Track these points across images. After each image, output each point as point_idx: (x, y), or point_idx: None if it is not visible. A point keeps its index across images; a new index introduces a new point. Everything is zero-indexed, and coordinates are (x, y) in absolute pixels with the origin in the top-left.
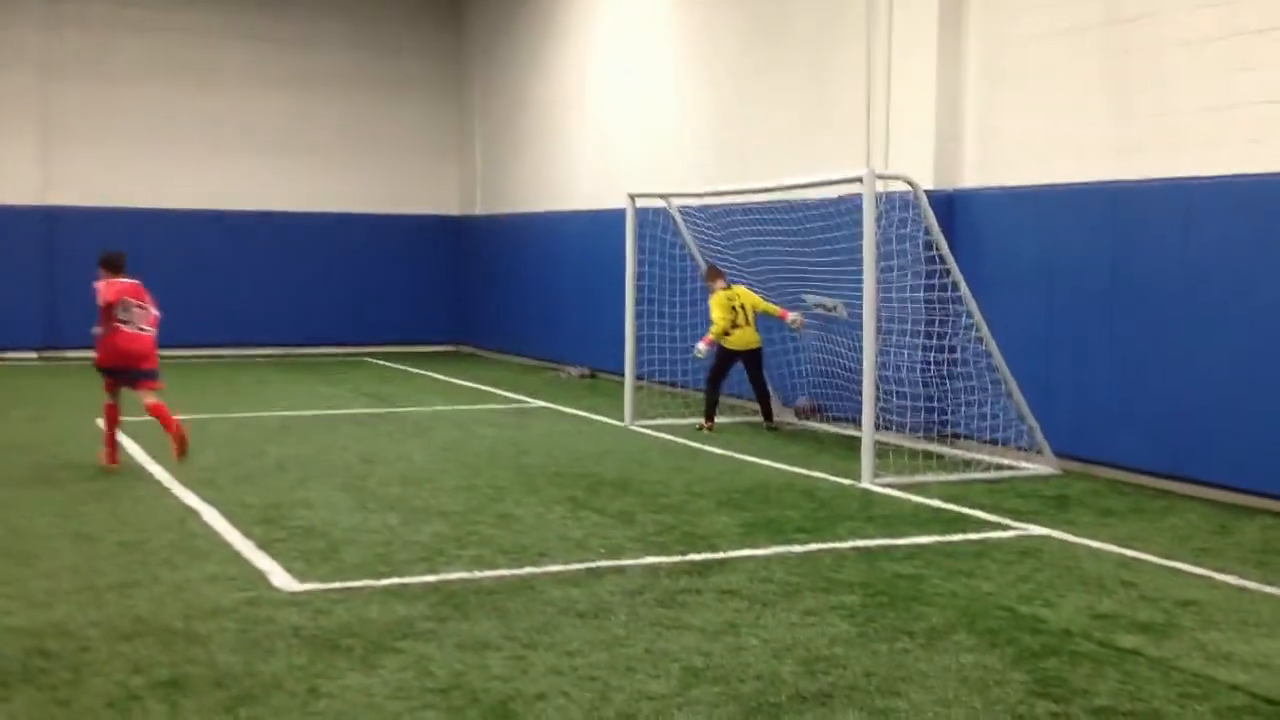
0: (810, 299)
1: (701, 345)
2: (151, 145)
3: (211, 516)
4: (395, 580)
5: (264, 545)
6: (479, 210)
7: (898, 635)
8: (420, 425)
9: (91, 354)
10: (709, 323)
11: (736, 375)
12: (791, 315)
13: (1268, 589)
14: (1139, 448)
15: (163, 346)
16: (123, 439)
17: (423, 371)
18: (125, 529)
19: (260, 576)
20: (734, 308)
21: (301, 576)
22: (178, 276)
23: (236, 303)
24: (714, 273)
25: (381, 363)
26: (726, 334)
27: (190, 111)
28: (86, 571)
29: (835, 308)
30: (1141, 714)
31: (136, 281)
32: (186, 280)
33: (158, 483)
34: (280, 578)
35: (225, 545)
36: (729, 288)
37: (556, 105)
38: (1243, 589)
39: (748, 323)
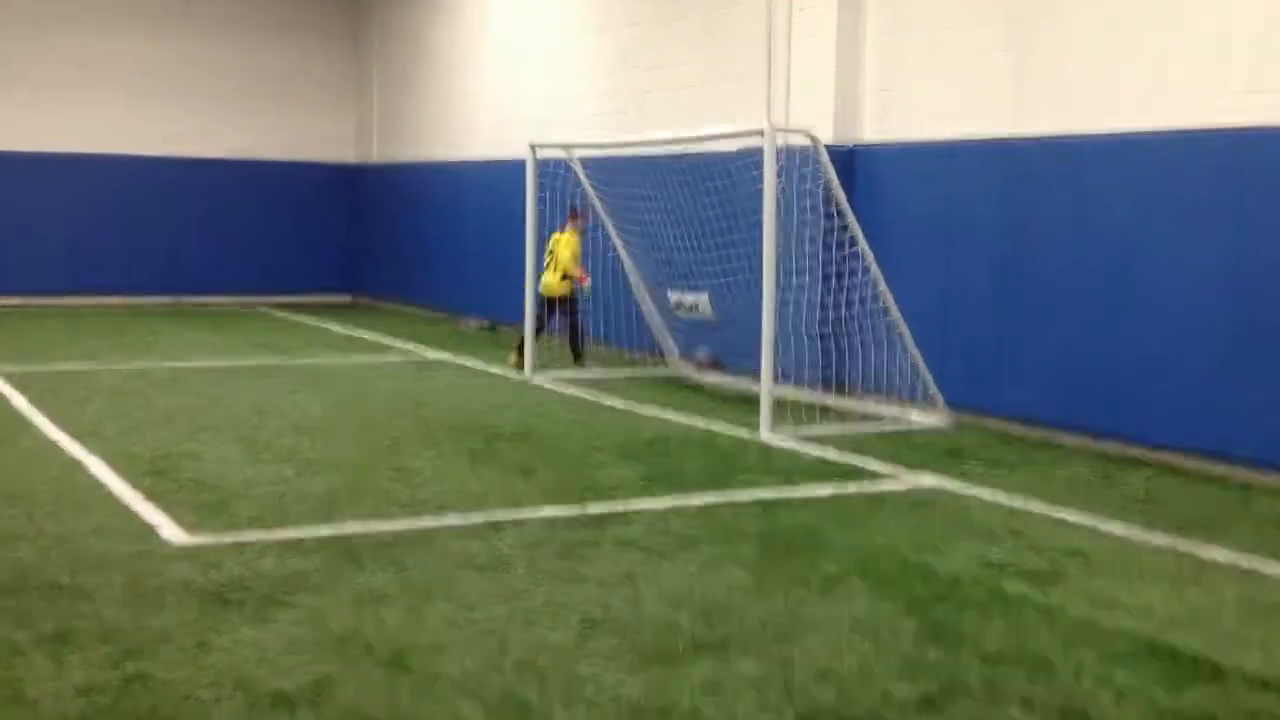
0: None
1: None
2: (34, 88)
3: (99, 468)
4: (289, 533)
5: (153, 497)
6: (376, 158)
7: (793, 585)
8: (316, 377)
9: None
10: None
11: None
12: (587, 282)
13: (1151, 538)
14: (1030, 400)
15: (46, 294)
16: (8, 389)
17: (319, 323)
18: (9, 481)
19: (149, 530)
20: (549, 250)
21: (192, 529)
22: (63, 223)
23: (125, 250)
24: (573, 214)
25: (276, 313)
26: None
27: (74, 53)
28: None
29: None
30: (1028, 659)
31: None
32: (73, 227)
33: (42, 434)
34: (170, 531)
35: (113, 498)
36: (564, 232)
37: (456, 52)
38: (1127, 538)
39: (554, 270)
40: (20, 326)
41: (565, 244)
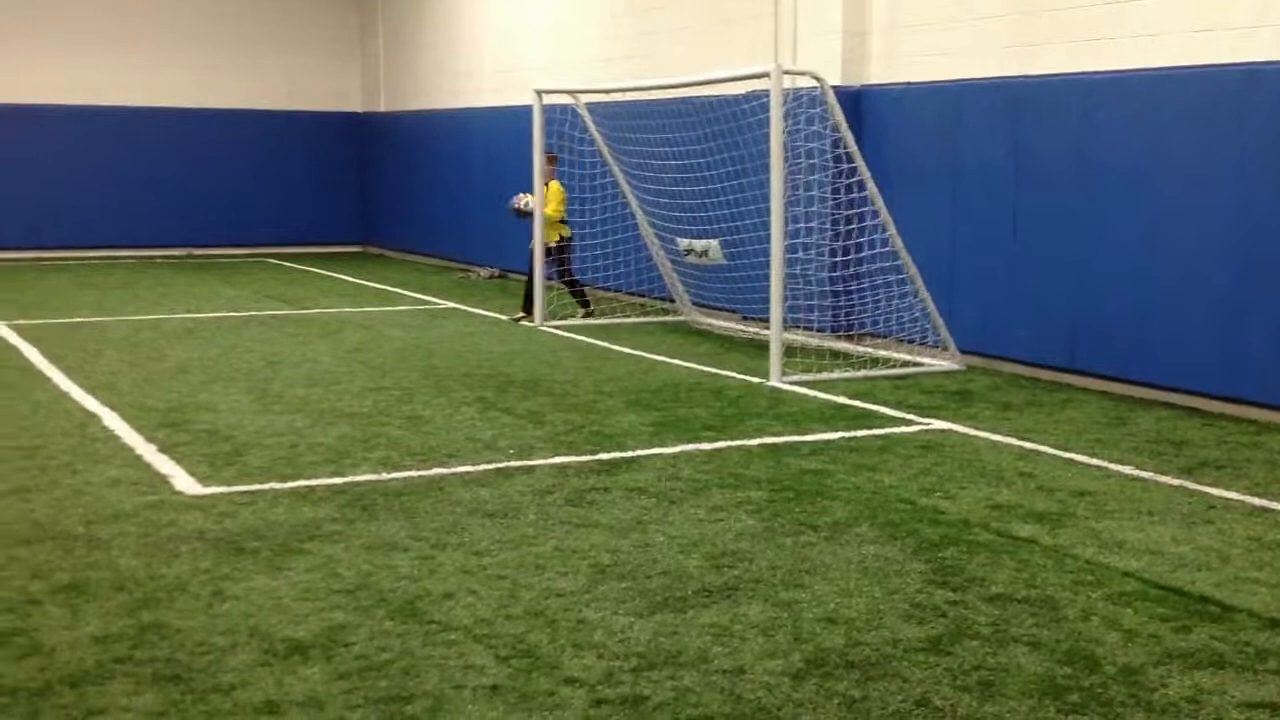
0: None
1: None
2: (41, 40)
3: (112, 420)
4: (301, 483)
5: (167, 449)
6: (383, 107)
7: (802, 529)
8: (326, 327)
9: None
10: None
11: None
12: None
13: (1160, 478)
14: (1039, 343)
15: (57, 248)
16: (20, 342)
17: (328, 273)
18: (23, 434)
19: (163, 480)
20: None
21: (205, 480)
22: (71, 176)
23: (135, 203)
24: (552, 159)
25: (286, 264)
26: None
27: (81, 4)
28: None
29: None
30: (1036, 600)
31: None
32: (81, 180)
33: (55, 386)
34: (184, 481)
35: (127, 449)
36: (551, 180)
37: None
38: (1136, 478)
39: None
40: (31, 280)
41: (556, 193)
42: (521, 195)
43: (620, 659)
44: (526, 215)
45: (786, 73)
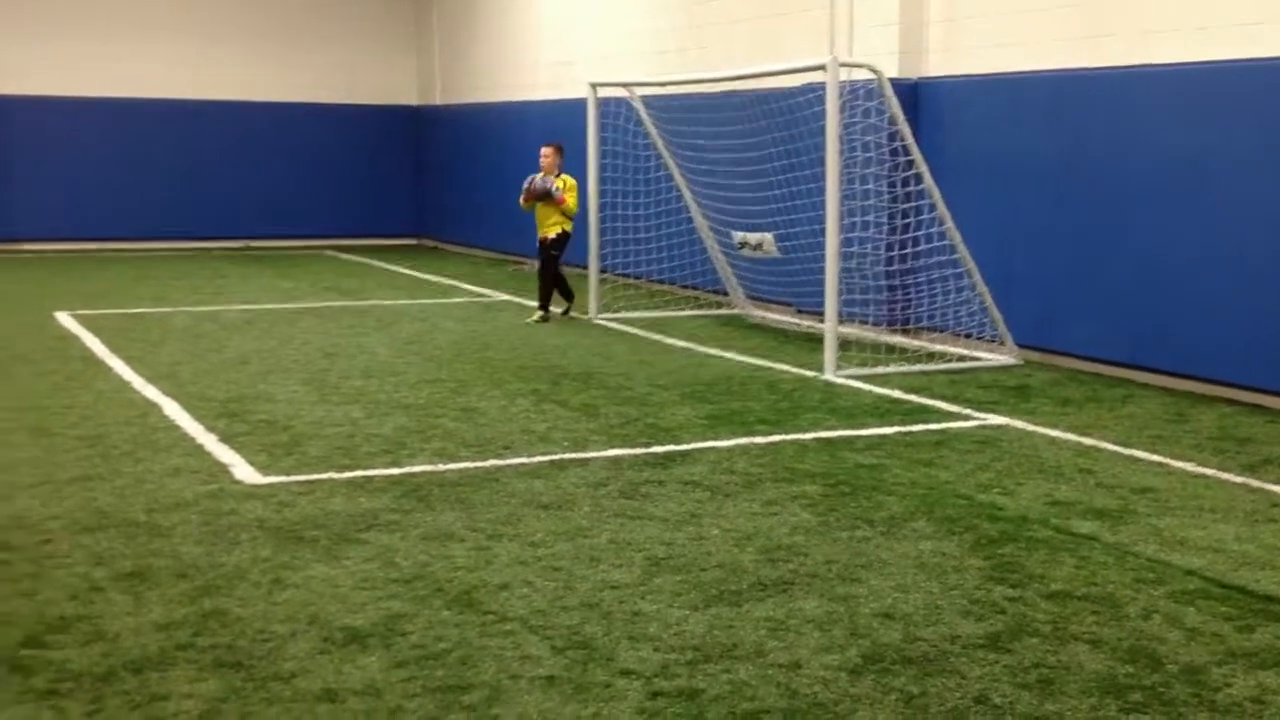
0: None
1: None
2: (102, 34)
3: (173, 410)
4: (359, 473)
5: (226, 439)
6: (438, 100)
7: (858, 524)
8: (382, 319)
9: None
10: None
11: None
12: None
13: (1223, 475)
14: (1099, 337)
15: (119, 239)
16: (83, 332)
17: (384, 265)
18: (85, 423)
19: (223, 469)
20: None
21: (265, 469)
22: (129, 168)
23: (194, 195)
24: (559, 150)
25: (342, 256)
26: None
27: None
28: (46, 465)
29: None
30: (1096, 598)
31: None
32: (142, 171)
33: (118, 377)
34: (243, 470)
35: (187, 438)
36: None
37: None
38: (1198, 475)
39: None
40: (93, 271)
41: (573, 186)
42: (538, 177)
43: (675, 651)
44: (541, 198)
45: (843, 65)
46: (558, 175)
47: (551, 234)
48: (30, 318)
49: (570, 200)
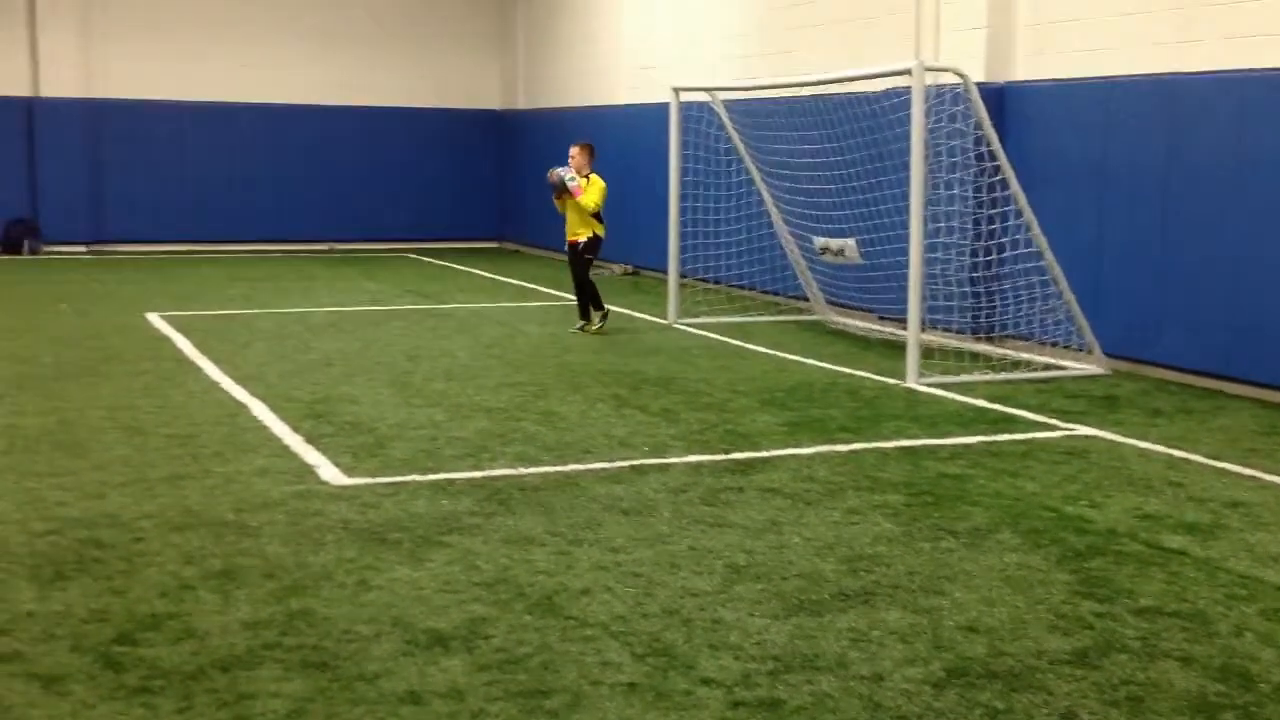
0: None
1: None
2: (193, 37)
3: (260, 411)
4: (441, 475)
5: (312, 440)
6: (521, 104)
7: (941, 534)
8: (464, 322)
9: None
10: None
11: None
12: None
13: None
14: (1189, 347)
15: (208, 241)
16: (173, 333)
17: (466, 268)
18: (175, 422)
19: (309, 470)
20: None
21: (349, 471)
22: (218, 171)
23: (280, 198)
24: (590, 150)
25: (425, 259)
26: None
27: (235, 6)
28: (138, 464)
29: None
30: (1187, 615)
31: None
32: (231, 174)
33: (207, 377)
34: (329, 471)
35: (274, 439)
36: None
37: None
38: None
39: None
40: (183, 273)
41: (597, 186)
42: (558, 169)
43: (756, 661)
44: (558, 190)
45: (928, 69)
46: (587, 176)
47: (583, 238)
48: (123, 318)
49: (589, 197)
